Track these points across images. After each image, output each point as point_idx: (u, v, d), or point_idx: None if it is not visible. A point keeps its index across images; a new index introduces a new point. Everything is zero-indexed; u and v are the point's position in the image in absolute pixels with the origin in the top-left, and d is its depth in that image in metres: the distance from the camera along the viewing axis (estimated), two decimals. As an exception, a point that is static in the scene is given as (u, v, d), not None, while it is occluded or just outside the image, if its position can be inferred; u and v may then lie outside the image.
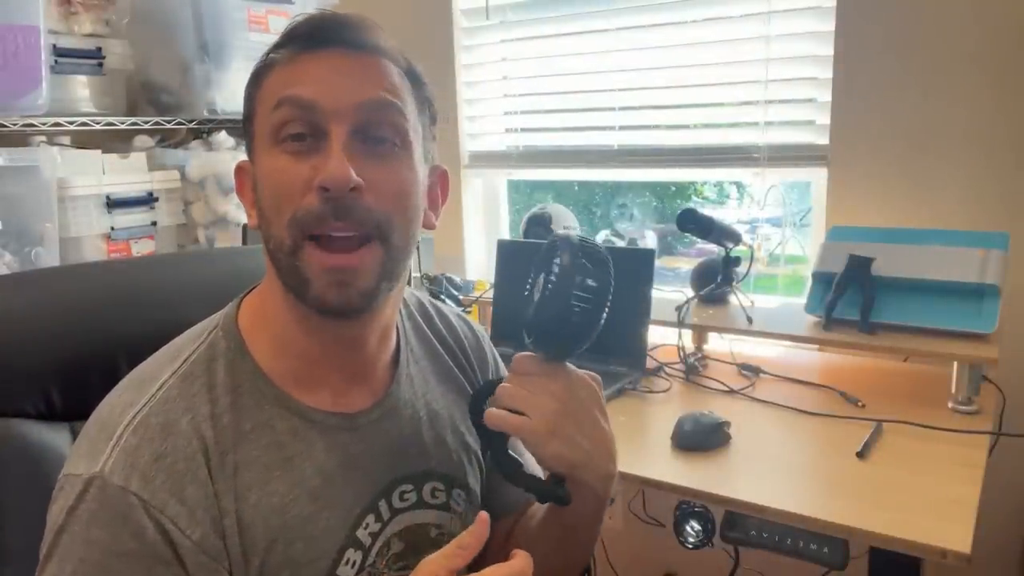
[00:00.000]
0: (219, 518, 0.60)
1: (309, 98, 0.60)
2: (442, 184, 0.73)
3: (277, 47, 0.64)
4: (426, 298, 0.86)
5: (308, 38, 0.62)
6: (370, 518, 0.68)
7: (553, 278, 0.64)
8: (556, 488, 0.66)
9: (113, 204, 1.69)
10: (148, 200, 1.78)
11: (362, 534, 0.67)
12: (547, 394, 0.65)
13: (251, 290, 0.71)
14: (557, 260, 0.64)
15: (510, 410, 0.65)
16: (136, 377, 0.64)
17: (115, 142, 1.83)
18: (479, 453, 0.82)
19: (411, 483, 0.72)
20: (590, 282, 0.64)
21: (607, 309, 0.65)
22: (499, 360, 0.89)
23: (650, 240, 2.10)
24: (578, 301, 0.63)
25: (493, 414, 0.65)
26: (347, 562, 0.66)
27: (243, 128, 0.67)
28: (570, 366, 0.68)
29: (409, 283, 2.03)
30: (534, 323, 0.66)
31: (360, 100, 0.61)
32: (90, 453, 0.58)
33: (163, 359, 0.65)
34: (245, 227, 1.81)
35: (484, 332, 0.89)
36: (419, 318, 0.82)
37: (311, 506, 0.64)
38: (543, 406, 0.64)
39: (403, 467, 0.72)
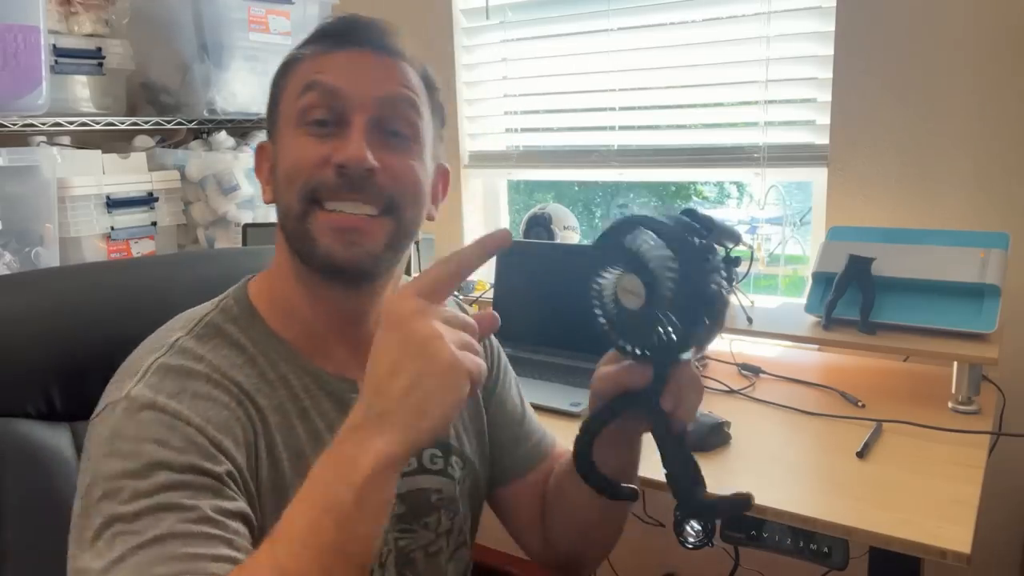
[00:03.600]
0: (252, 441, 0.63)
1: (334, 85, 0.65)
2: (443, 181, 0.77)
3: (307, 43, 0.70)
4: None
5: (338, 36, 0.68)
6: None
7: (672, 264, 0.57)
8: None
9: (113, 204, 1.69)
10: (148, 200, 1.78)
11: None
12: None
13: (254, 276, 0.74)
14: (648, 244, 0.57)
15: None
16: (151, 338, 0.68)
17: (115, 142, 1.83)
18: (479, 429, 0.85)
19: None
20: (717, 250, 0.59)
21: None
22: (494, 342, 0.91)
23: (650, 240, 2.10)
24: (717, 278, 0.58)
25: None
26: None
27: (267, 115, 0.73)
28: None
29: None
30: (684, 309, 0.57)
31: (380, 94, 0.66)
32: (113, 391, 0.62)
33: (175, 324, 0.69)
34: (245, 227, 1.81)
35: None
36: None
37: None
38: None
39: None
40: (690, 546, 0.67)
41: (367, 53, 0.67)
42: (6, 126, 1.54)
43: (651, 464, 0.70)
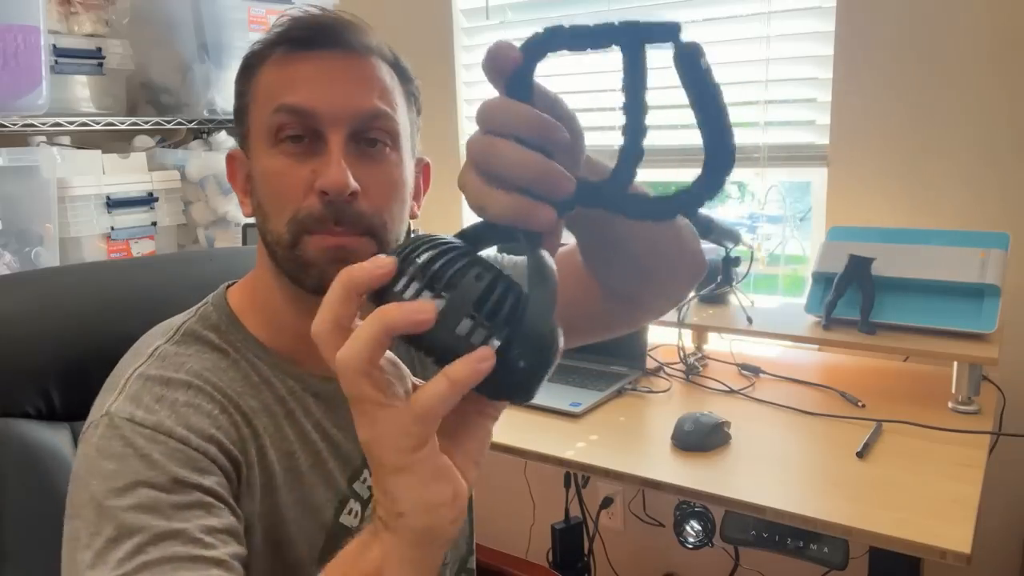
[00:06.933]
0: (241, 447, 0.63)
1: (307, 107, 0.62)
2: (424, 175, 0.77)
3: (269, 44, 0.66)
4: None
5: (300, 40, 0.64)
6: (367, 472, 0.72)
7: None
8: None
9: (113, 204, 1.69)
10: (148, 200, 1.77)
11: (360, 487, 0.72)
12: None
13: (233, 283, 0.74)
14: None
15: None
16: (132, 349, 0.68)
17: (115, 142, 1.83)
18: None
19: None
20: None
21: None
22: None
23: (650, 240, 2.10)
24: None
25: None
26: (349, 512, 0.71)
27: (235, 118, 0.71)
28: None
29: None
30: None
31: (355, 110, 0.64)
32: (98, 406, 0.62)
33: (155, 333, 0.69)
34: (245, 227, 1.81)
35: None
36: None
37: (315, 457, 0.69)
38: None
39: None
40: (690, 546, 0.66)
41: (333, 56, 0.64)
42: (6, 126, 1.54)
43: (650, 464, 0.70)
